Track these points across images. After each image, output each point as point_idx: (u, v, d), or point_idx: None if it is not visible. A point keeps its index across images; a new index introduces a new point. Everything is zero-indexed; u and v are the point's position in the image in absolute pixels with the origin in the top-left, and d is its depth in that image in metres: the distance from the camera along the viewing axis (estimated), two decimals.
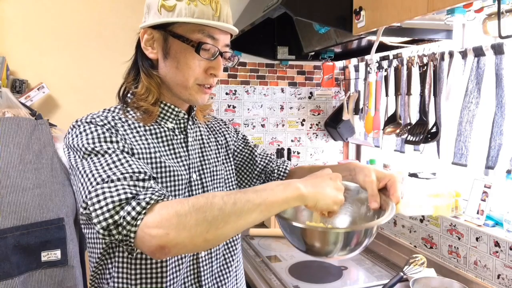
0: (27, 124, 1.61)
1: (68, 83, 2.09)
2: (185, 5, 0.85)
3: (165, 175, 0.87)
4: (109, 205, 0.69)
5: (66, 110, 2.10)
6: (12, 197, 1.50)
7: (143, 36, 0.92)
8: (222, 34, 0.90)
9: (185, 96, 0.91)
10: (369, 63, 1.90)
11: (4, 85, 1.81)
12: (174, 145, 0.93)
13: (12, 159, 1.53)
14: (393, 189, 0.86)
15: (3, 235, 1.47)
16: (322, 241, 0.76)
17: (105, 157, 0.78)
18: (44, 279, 1.58)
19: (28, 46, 2.01)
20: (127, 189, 0.71)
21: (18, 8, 1.99)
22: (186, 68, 0.88)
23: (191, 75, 0.88)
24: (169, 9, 0.86)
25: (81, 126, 0.84)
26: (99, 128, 0.83)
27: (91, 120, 0.85)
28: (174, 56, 0.89)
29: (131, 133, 0.87)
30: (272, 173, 1.17)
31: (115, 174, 0.74)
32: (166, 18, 0.86)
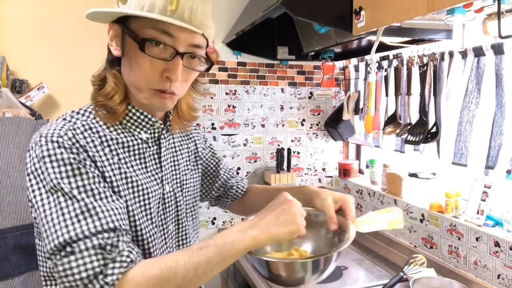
0: (27, 124, 1.61)
1: (68, 83, 2.09)
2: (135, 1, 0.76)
3: (137, 194, 0.84)
4: (77, 281, 0.68)
5: (66, 110, 2.08)
6: (12, 197, 1.50)
7: (109, 31, 0.83)
8: (184, 32, 0.77)
9: (142, 100, 0.83)
10: (369, 63, 1.90)
11: (4, 85, 1.81)
12: (146, 159, 0.88)
13: (12, 159, 1.53)
14: (348, 210, 0.89)
15: (3, 235, 1.48)
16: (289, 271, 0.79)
17: (72, 202, 0.72)
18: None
19: (28, 46, 2.01)
20: (95, 262, 0.69)
21: (18, 8, 1.99)
22: (137, 68, 0.79)
23: (142, 76, 0.79)
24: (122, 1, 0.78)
25: (45, 146, 0.75)
26: (65, 154, 0.74)
27: (58, 139, 0.75)
28: (127, 54, 0.81)
29: (102, 149, 0.80)
30: (231, 188, 1.16)
31: (83, 232, 0.70)
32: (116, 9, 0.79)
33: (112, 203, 0.76)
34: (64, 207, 0.72)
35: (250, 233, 0.74)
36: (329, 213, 0.88)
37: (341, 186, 2.45)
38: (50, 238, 0.71)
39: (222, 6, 2.28)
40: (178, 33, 0.77)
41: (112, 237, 0.72)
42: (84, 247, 0.69)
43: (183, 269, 0.70)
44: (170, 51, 0.77)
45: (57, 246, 0.70)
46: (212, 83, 2.30)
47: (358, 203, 2.27)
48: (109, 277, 0.68)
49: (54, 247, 0.70)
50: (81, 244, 0.70)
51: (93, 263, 0.69)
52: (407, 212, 1.86)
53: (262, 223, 0.75)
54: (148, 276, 0.69)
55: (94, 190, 0.75)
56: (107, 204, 0.75)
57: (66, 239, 0.70)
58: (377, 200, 2.08)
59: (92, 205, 0.73)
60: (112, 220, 0.73)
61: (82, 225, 0.71)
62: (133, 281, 0.69)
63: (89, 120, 0.84)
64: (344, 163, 2.42)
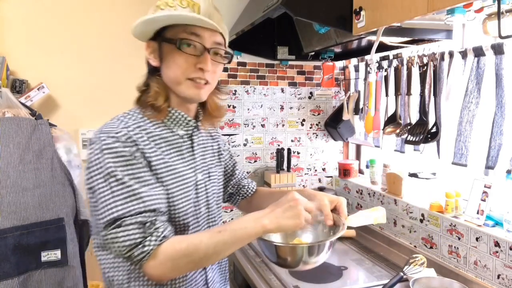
0: (27, 124, 1.61)
1: (68, 83, 2.10)
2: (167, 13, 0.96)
3: (177, 180, 1.01)
4: (121, 248, 0.88)
5: (66, 110, 2.10)
6: (12, 197, 1.50)
7: (146, 49, 1.03)
8: (207, 32, 0.98)
9: (181, 93, 1.01)
10: (369, 63, 1.90)
11: (4, 85, 1.81)
12: (182, 151, 1.06)
13: (12, 159, 1.53)
14: (340, 209, 1.08)
15: (3, 235, 1.48)
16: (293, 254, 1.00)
17: (122, 186, 0.90)
18: (44, 279, 1.58)
19: (28, 46, 2.01)
20: (137, 234, 0.87)
21: (18, 8, 1.99)
22: (174, 65, 0.98)
23: (180, 70, 0.98)
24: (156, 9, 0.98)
25: (105, 141, 0.93)
26: (120, 148, 0.92)
27: (115, 135, 0.93)
28: (165, 58, 1.00)
29: (149, 143, 0.98)
30: (243, 187, 1.34)
31: (129, 212, 0.88)
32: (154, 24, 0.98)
33: (154, 190, 0.94)
34: (116, 191, 0.90)
35: (261, 222, 0.91)
36: (325, 211, 1.05)
37: (341, 186, 2.45)
38: (104, 214, 0.89)
39: (222, 6, 2.28)
40: (203, 33, 0.97)
41: (151, 216, 0.90)
42: (129, 222, 0.88)
43: (204, 247, 0.88)
44: (199, 49, 0.98)
45: (108, 221, 0.89)
46: None
47: (358, 203, 2.27)
48: (146, 247, 0.87)
49: (107, 221, 0.89)
50: (127, 220, 0.88)
51: (135, 235, 0.87)
52: (407, 212, 1.86)
53: (272, 215, 0.92)
54: (176, 249, 0.88)
55: (141, 178, 0.92)
56: (150, 190, 0.93)
57: (116, 216, 0.88)
58: (377, 200, 2.08)
59: (138, 190, 0.91)
60: (153, 203, 0.91)
61: (129, 206, 0.89)
62: (164, 251, 0.88)
63: (138, 120, 1.01)
64: (344, 163, 2.42)
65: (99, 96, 2.16)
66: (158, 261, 0.88)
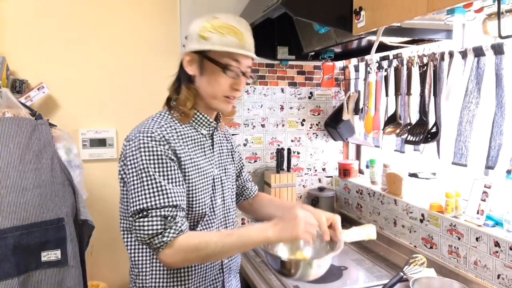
0: (27, 124, 1.61)
1: (68, 83, 2.09)
2: (218, 37, 1.11)
3: (199, 174, 1.16)
4: (144, 235, 1.03)
5: (66, 110, 2.10)
6: (12, 197, 1.50)
7: (185, 58, 1.15)
8: (245, 58, 1.15)
9: (214, 105, 1.17)
10: (369, 63, 1.90)
11: (4, 85, 1.81)
12: (205, 149, 1.21)
13: (12, 159, 1.53)
14: (336, 226, 1.19)
15: (3, 235, 1.47)
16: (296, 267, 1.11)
17: (152, 182, 1.05)
18: (44, 279, 1.58)
19: (28, 46, 2.01)
20: (158, 225, 1.02)
21: (18, 8, 1.99)
22: (215, 84, 1.14)
23: (219, 89, 1.14)
24: (205, 39, 1.11)
25: (142, 140, 1.07)
26: (155, 147, 1.07)
27: (151, 135, 1.08)
28: (207, 74, 1.14)
29: (178, 141, 1.12)
30: (247, 189, 1.47)
31: (156, 204, 1.04)
32: (203, 46, 1.11)
33: (178, 187, 1.08)
34: (146, 185, 1.05)
35: (265, 233, 1.05)
36: (323, 228, 1.15)
37: (341, 186, 2.45)
38: (133, 204, 1.06)
39: (222, 6, 2.28)
40: (242, 60, 1.14)
41: (173, 211, 1.05)
42: (154, 214, 1.03)
43: (213, 245, 1.03)
44: (237, 72, 1.14)
45: (136, 210, 1.05)
46: None
47: (358, 203, 2.27)
48: (165, 237, 1.02)
49: (135, 210, 1.05)
50: (153, 212, 1.03)
51: (157, 226, 1.03)
52: (407, 212, 1.86)
53: (275, 228, 1.06)
54: (189, 243, 1.04)
55: (168, 175, 1.07)
56: (175, 187, 1.07)
57: (144, 206, 1.04)
58: (377, 200, 2.08)
59: (165, 187, 1.05)
60: (176, 199, 1.06)
61: (156, 199, 1.04)
62: (180, 243, 1.03)
63: (168, 120, 1.16)
64: (344, 163, 2.42)
65: (99, 96, 2.16)
66: (172, 251, 1.02)
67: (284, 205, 1.40)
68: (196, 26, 1.14)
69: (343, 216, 2.39)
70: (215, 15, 1.16)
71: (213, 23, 1.12)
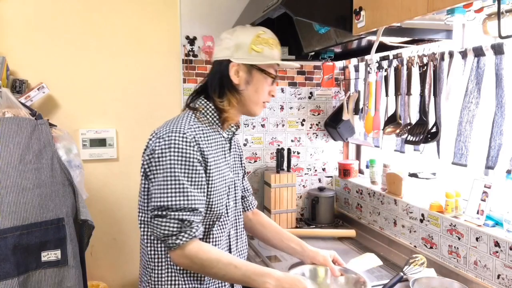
0: (27, 124, 1.61)
1: (68, 83, 2.10)
2: (268, 50, 1.22)
3: (219, 175, 1.20)
4: (159, 234, 1.09)
5: (66, 110, 2.10)
6: (12, 197, 1.50)
7: (232, 68, 1.20)
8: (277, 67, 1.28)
9: (253, 110, 1.27)
10: (369, 63, 1.90)
11: (4, 85, 1.81)
12: (225, 151, 1.26)
13: (12, 159, 1.53)
14: (338, 260, 1.37)
15: (3, 235, 1.47)
16: None
17: (176, 182, 1.09)
18: (44, 279, 1.58)
19: (28, 46, 2.01)
20: (174, 227, 1.08)
21: (18, 8, 1.99)
22: (262, 91, 1.24)
23: (263, 95, 1.25)
24: (258, 51, 1.20)
25: (174, 140, 1.10)
26: (185, 147, 1.11)
27: (183, 135, 1.11)
28: (254, 83, 1.23)
29: (205, 142, 1.16)
30: (246, 200, 1.47)
31: (176, 205, 1.08)
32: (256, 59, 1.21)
33: (200, 192, 1.13)
34: (169, 184, 1.09)
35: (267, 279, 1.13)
36: (330, 265, 1.33)
37: (341, 186, 2.45)
38: (154, 199, 1.10)
39: (222, 6, 2.28)
40: (277, 67, 1.27)
41: (190, 215, 1.09)
42: (172, 216, 1.08)
43: (217, 269, 1.11)
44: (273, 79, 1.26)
45: (156, 206, 1.09)
46: None
47: (358, 203, 2.27)
48: (178, 240, 1.08)
49: (154, 206, 1.10)
50: (171, 213, 1.08)
51: (174, 228, 1.08)
52: (407, 212, 1.86)
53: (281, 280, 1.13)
54: (198, 255, 1.09)
55: (193, 179, 1.11)
56: (197, 191, 1.12)
57: (163, 204, 1.08)
58: (377, 200, 2.08)
59: (187, 189, 1.10)
60: (195, 203, 1.10)
61: (176, 200, 1.08)
62: (190, 250, 1.09)
63: (196, 122, 1.19)
64: (344, 163, 2.42)
65: (99, 96, 2.16)
66: (181, 254, 1.09)
67: (283, 235, 1.44)
68: (247, 39, 1.21)
69: (343, 216, 2.39)
70: (262, 29, 1.25)
71: (264, 37, 1.22)
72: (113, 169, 2.22)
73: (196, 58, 2.27)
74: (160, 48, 2.24)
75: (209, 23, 2.27)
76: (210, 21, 2.27)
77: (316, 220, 2.34)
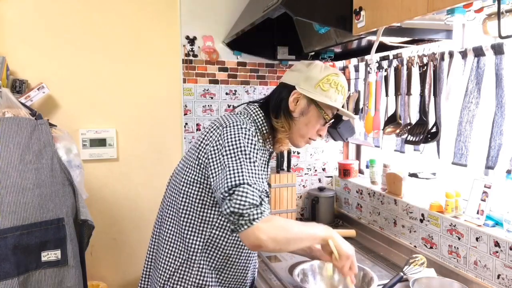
0: (27, 124, 1.61)
1: (68, 83, 2.10)
2: (334, 92, 1.24)
3: None
4: (245, 203, 1.01)
5: (66, 110, 2.10)
6: (12, 197, 1.50)
7: (293, 94, 1.25)
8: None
9: (296, 142, 1.31)
10: (369, 63, 1.90)
11: (4, 85, 1.81)
12: (265, 164, 1.28)
13: (12, 159, 1.53)
14: None
15: (3, 235, 1.47)
16: None
17: (251, 164, 1.08)
18: (44, 279, 1.58)
19: (28, 46, 2.01)
20: (258, 198, 1.03)
21: (18, 8, 1.99)
22: (311, 127, 1.27)
23: (311, 132, 1.29)
24: (324, 89, 1.23)
25: (241, 129, 1.14)
26: (251, 139, 1.13)
27: (246, 126, 1.15)
28: (307, 117, 1.26)
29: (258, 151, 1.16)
30: None
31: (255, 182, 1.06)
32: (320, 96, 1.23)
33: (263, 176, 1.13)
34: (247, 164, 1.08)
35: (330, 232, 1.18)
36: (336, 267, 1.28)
37: (341, 186, 2.45)
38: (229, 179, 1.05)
39: (222, 6, 2.28)
40: (334, 112, 1.28)
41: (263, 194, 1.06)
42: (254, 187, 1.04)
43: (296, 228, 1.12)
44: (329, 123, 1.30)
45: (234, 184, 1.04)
46: (212, 83, 2.30)
47: (358, 203, 2.27)
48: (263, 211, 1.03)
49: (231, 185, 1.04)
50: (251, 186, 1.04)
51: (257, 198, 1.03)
52: (407, 212, 1.86)
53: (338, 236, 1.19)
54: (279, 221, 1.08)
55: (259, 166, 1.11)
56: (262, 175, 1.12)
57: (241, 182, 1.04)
58: (377, 200, 2.08)
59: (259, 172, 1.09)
60: (265, 186, 1.09)
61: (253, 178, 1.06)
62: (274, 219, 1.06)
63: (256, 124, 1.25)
64: (344, 163, 2.42)
65: (99, 96, 2.16)
66: (270, 224, 1.03)
67: None
68: (319, 74, 1.24)
69: (343, 216, 2.39)
70: (336, 71, 1.26)
71: (334, 79, 1.24)
72: (113, 169, 2.22)
73: (196, 58, 2.27)
74: (160, 48, 2.24)
75: (209, 23, 2.27)
76: (210, 21, 2.27)
77: (316, 220, 2.34)
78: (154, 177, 2.28)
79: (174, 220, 1.24)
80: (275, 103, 1.27)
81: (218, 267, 1.23)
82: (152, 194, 2.27)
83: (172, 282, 1.21)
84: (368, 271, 1.43)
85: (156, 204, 1.45)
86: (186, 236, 1.21)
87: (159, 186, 2.03)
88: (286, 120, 1.26)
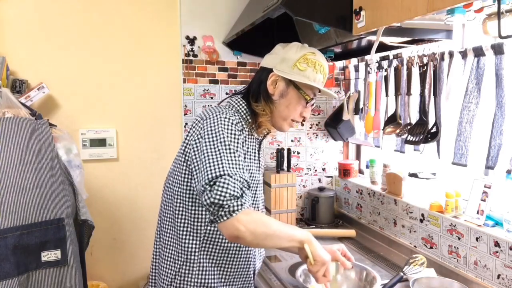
0: (27, 124, 1.61)
1: (68, 83, 2.10)
2: (311, 71, 1.22)
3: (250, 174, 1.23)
4: (223, 195, 1.01)
5: (66, 110, 2.10)
6: (12, 197, 1.50)
7: (271, 77, 1.24)
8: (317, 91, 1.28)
9: (278, 125, 1.29)
10: (369, 63, 1.90)
11: (4, 85, 1.81)
12: (255, 153, 1.29)
13: (12, 159, 1.53)
14: (347, 255, 1.37)
15: (3, 235, 1.47)
16: None
17: (232, 155, 1.08)
18: (44, 279, 1.58)
19: (28, 46, 2.01)
20: (239, 190, 1.03)
21: (18, 8, 1.99)
22: (292, 109, 1.26)
23: (293, 114, 1.27)
24: (301, 69, 1.22)
25: (222, 120, 1.13)
26: (233, 127, 1.13)
27: (232, 121, 1.14)
28: (288, 99, 1.25)
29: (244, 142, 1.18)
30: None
31: (236, 173, 1.05)
32: (297, 76, 1.21)
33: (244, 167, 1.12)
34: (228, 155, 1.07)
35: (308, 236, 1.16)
36: (340, 259, 1.31)
37: (341, 186, 2.45)
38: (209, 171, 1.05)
39: (222, 6, 2.28)
40: (317, 93, 1.27)
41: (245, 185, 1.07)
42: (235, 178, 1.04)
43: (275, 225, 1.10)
44: (312, 103, 1.28)
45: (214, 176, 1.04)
46: (212, 83, 2.30)
47: (358, 203, 2.27)
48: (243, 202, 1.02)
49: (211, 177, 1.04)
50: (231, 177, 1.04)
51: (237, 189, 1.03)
52: (407, 212, 1.86)
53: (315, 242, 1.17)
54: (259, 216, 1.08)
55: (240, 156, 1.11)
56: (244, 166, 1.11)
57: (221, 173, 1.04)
58: (377, 200, 2.08)
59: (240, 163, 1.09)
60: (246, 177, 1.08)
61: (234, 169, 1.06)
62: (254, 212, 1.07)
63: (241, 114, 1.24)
64: (344, 163, 2.42)
65: (99, 96, 2.16)
66: (250, 217, 1.03)
67: None
68: (295, 54, 1.22)
69: (343, 216, 2.39)
70: (312, 50, 1.24)
71: (311, 58, 1.22)
72: (113, 169, 2.22)
73: (196, 58, 2.27)
74: (160, 48, 2.24)
75: (209, 23, 2.27)
76: (210, 21, 2.27)
77: (316, 220, 2.34)
78: (154, 177, 2.28)
79: (171, 222, 1.24)
80: (255, 88, 1.27)
81: (220, 263, 1.23)
82: (152, 194, 2.27)
83: (175, 285, 1.21)
84: (371, 270, 1.43)
85: (156, 204, 1.46)
86: (183, 237, 1.21)
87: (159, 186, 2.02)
88: (266, 103, 1.24)
